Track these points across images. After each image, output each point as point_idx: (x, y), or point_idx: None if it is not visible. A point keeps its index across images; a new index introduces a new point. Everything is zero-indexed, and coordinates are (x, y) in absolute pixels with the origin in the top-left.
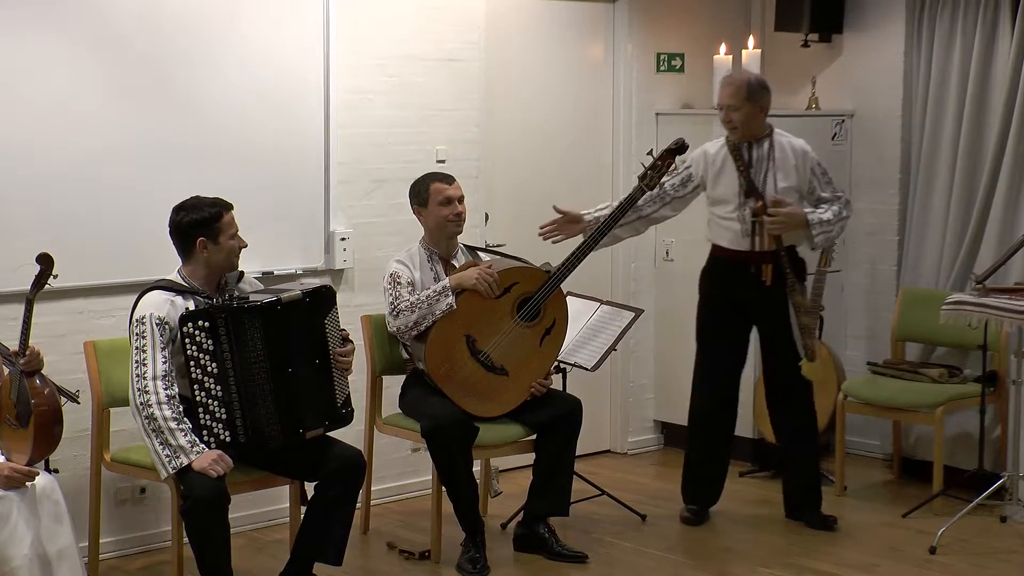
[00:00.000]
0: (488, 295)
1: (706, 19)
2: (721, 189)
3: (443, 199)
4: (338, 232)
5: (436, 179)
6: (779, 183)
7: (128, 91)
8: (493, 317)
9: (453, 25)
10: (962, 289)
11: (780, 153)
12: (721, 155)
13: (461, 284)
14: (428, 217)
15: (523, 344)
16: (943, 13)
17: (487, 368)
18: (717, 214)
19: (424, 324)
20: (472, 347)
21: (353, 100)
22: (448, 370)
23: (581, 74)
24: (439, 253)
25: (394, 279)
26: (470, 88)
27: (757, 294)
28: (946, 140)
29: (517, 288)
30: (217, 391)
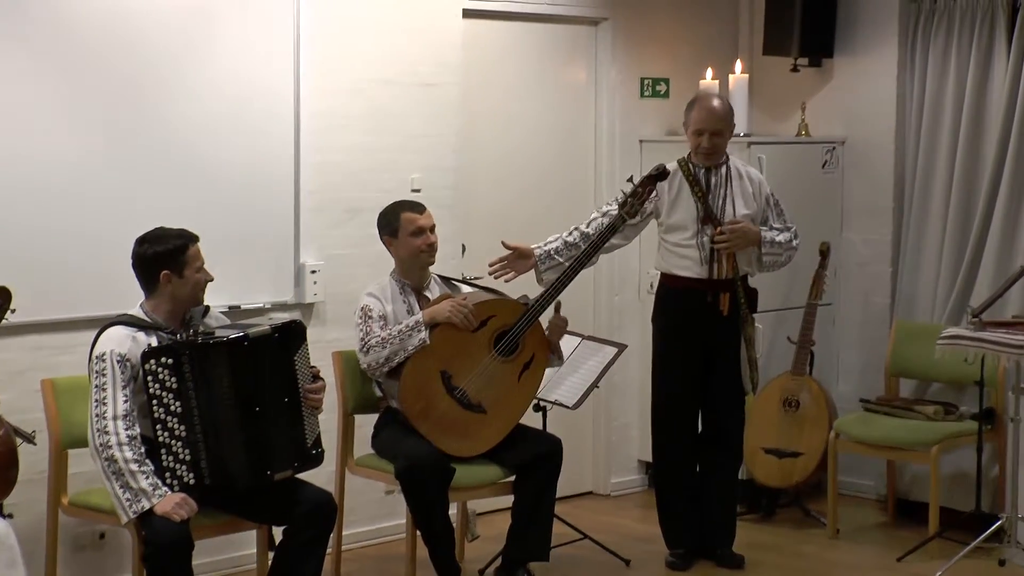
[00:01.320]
0: (464, 327)
1: (692, 43)
2: (677, 216)
3: (415, 229)
4: (309, 264)
5: (406, 208)
6: (738, 210)
7: (91, 114)
8: (469, 352)
9: (430, 47)
10: (958, 323)
11: (738, 180)
12: (677, 181)
13: (435, 318)
14: (399, 248)
15: (501, 380)
16: (937, 35)
17: (463, 405)
18: (672, 241)
19: (396, 360)
20: (448, 383)
21: (325, 125)
22: (423, 408)
23: (562, 99)
24: (411, 285)
25: (365, 313)
26: (447, 113)
27: (712, 325)
28: (941, 167)
29: (494, 321)
30: (181, 431)
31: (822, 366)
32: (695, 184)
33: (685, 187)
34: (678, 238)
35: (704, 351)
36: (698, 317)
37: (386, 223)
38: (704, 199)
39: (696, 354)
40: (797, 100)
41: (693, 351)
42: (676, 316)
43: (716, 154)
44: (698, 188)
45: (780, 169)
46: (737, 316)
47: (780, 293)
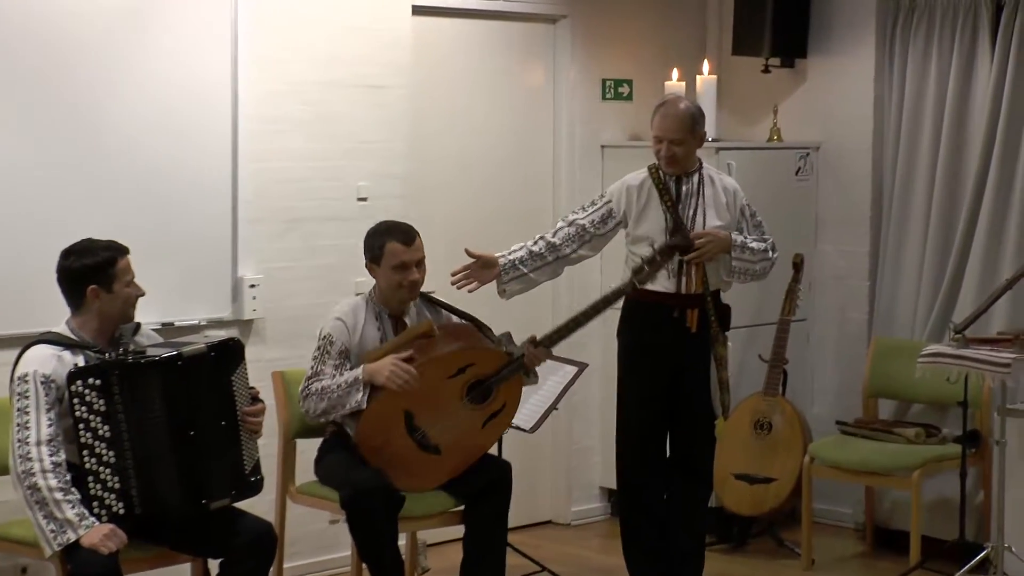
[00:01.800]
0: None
1: (657, 42)
2: (645, 226)
3: (398, 263)
4: (247, 278)
5: (393, 238)
6: (709, 221)
7: (9, 118)
8: (439, 397)
9: (377, 48)
10: (940, 339)
11: (710, 189)
12: (645, 189)
13: (373, 378)
14: (380, 277)
15: (465, 424)
16: (916, 35)
17: (420, 446)
18: (639, 253)
19: (334, 415)
20: (410, 423)
21: (265, 130)
22: (380, 444)
23: (519, 102)
24: (388, 311)
25: (324, 344)
26: (396, 117)
27: (680, 342)
28: (921, 175)
29: (472, 370)
30: (109, 457)
31: (796, 386)
32: (664, 193)
33: (654, 196)
34: (646, 250)
35: (672, 370)
36: (665, 334)
37: (370, 247)
38: (673, 209)
39: (663, 374)
40: (769, 103)
41: (660, 370)
42: (642, 333)
43: (676, 163)
44: (667, 197)
45: (751, 176)
46: (706, 334)
47: (751, 309)
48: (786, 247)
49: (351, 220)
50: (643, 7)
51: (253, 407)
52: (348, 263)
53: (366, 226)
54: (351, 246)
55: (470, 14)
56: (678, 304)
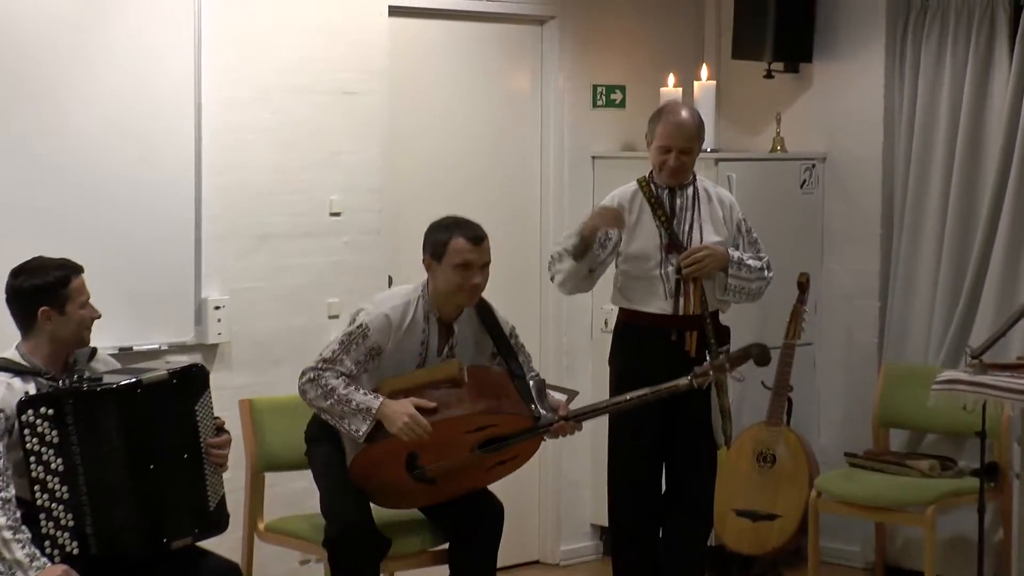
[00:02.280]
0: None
1: (651, 45)
2: (639, 243)
3: (462, 262)
4: (211, 299)
5: (461, 233)
6: (707, 236)
7: None
8: (451, 447)
9: (351, 52)
10: (955, 365)
11: (707, 203)
12: (637, 203)
13: (383, 420)
14: (438, 276)
15: (468, 465)
16: (929, 38)
17: (416, 480)
18: (633, 273)
19: (328, 420)
20: (411, 462)
21: (230, 140)
22: (371, 474)
23: (504, 110)
24: (439, 316)
25: (358, 334)
26: (371, 126)
27: (678, 368)
28: (935, 187)
29: (493, 429)
30: (63, 493)
31: (801, 415)
32: (658, 207)
33: (647, 211)
34: (640, 268)
35: (669, 399)
36: (662, 359)
37: (431, 241)
38: (668, 224)
39: (659, 402)
40: (771, 110)
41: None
42: (636, 358)
43: (684, 174)
44: (661, 212)
45: (752, 189)
46: (706, 358)
47: (752, 331)
48: (791, 265)
49: (323, 236)
50: (637, 8)
51: (218, 438)
52: (320, 283)
53: (338, 243)
54: (323, 264)
55: (450, 15)
56: (676, 326)
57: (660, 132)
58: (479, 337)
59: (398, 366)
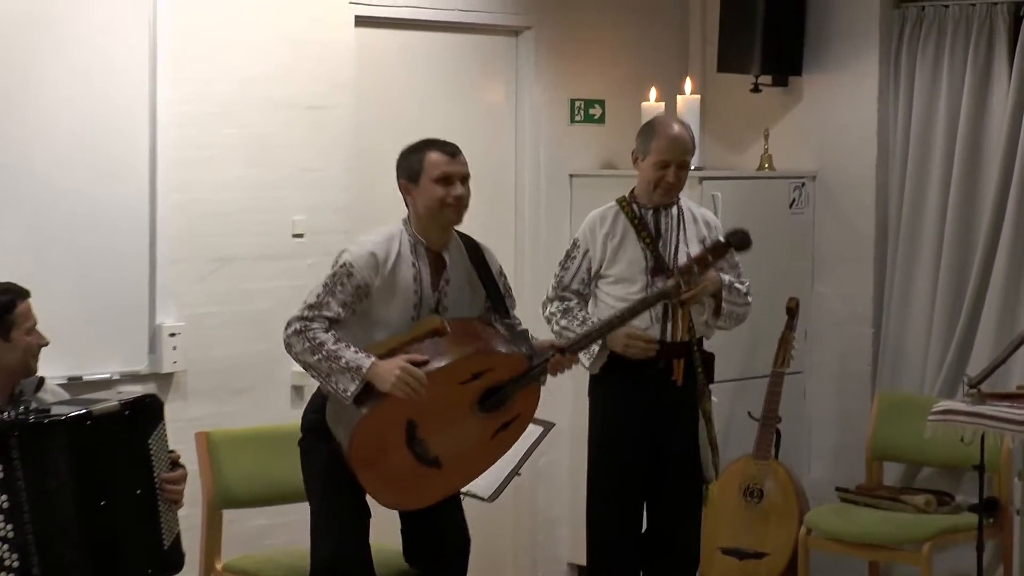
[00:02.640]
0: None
1: (632, 57)
2: (621, 267)
3: (440, 175)
4: (166, 326)
5: (434, 147)
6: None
7: None
8: (449, 405)
9: (316, 63)
10: (952, 395)
11: (691, 224)
12: (620, 225)
13: (377, 382)
14: (417, 197)
15: (471, 435)
16: (925, 49)
17: (419, 459)
18: (616, 296)
19: (314, 377)
20: (411, 433)
21: (187, 158)
22: (372, 458)
23: (476, 125)
24: (427, 244)
25: (342, 274)
26: (337, 142)
27: (664, 398)
28: (931, 207)
29: (489, 375)
30: (7, 531)
31: (790, 448)
32: (642, 229)
33: (630, 232)
34: (623, 292)
35: (654, 430)
36: (648, 388)
37: (405, 165)
38: (654, 246)
39: (644, 434)
40: (759, 126)
41: (640, 430)
42: (620, 387)
43: (679, 190)
44: (646, 233)
45: (738, 210)
46: (693, 386)
47: (738, 359)
48: (780, 289)
49: (286, 259)
50: (617, 18)
51: (173, 473)
52: (282, 308)
53: (302, 265)
54: (286, 288)
55: (420, 25)
56: (663, 354)
57: (656, 147)
58: (471, 275)
59: (393, 308)
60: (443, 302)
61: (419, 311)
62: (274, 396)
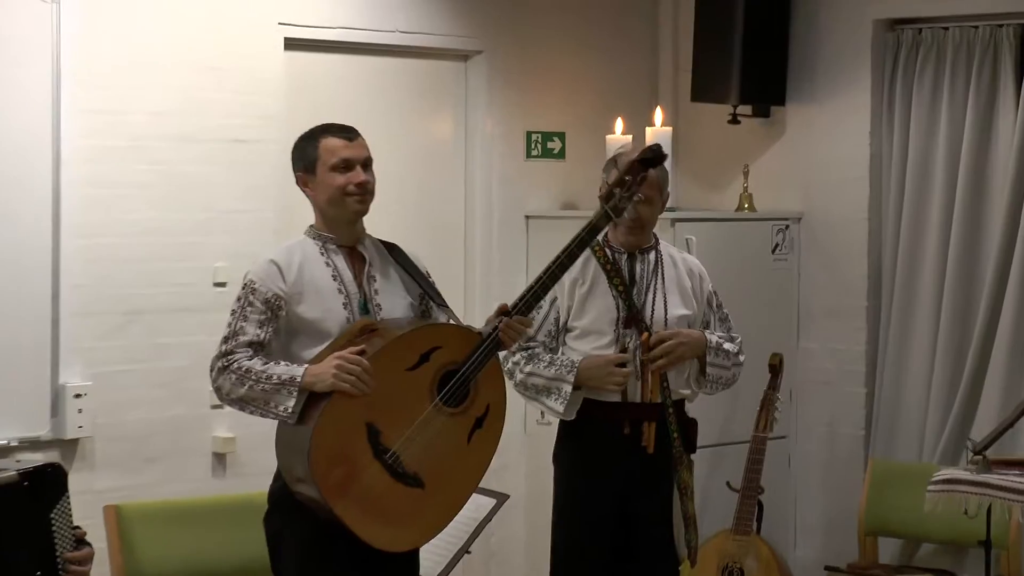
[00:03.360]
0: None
1: (596, 85)
2: (590, 317)
3: (339, 162)
4: (71, 386)
5: (328, 132)
6: (671, 310)
7: None
8: (404, 398)
9: (240, 92)
10: (955, 462)
11: (672, 270)
12: (591, 271)
13: (315, 385)
14: (317, 189)
15: (445, 440)
16: (923, 77)
17: (396, 476)
18: (581, 351)
19: (254, 411)
20: (376, 442)
21: (96, 198)
22: (343, 477)
23: (422, 161)
24: (337, 240)
25: (246, 294)
26: (265, 180)
27: (633, 467)
28: (930, 253)
29: (440, 355)
30: None
31: (774, 521)
32: (615, 275)
33: (601, 279)
34: (589, 346)
35: (622, 504)
36: (614, 456)
37: (300, 156)
38: (627, 295)
39: (611, 508)
40: (738, 162)
41: (607, 504)
42: (584, 455)
43: (642, 230)
44: (618, 280)
45: (715, 255)
46: (668, 456)
47: (716, 423)
48: (761, 345)
49: (207, 311)
50: (579, 41)
51: (78, 552)
52: (203, 366)
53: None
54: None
55: (358, 49)
56: (630, 417)
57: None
58: (398, 271)
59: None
60: (374, 299)
61: (351, 311)
62: (193, 465)
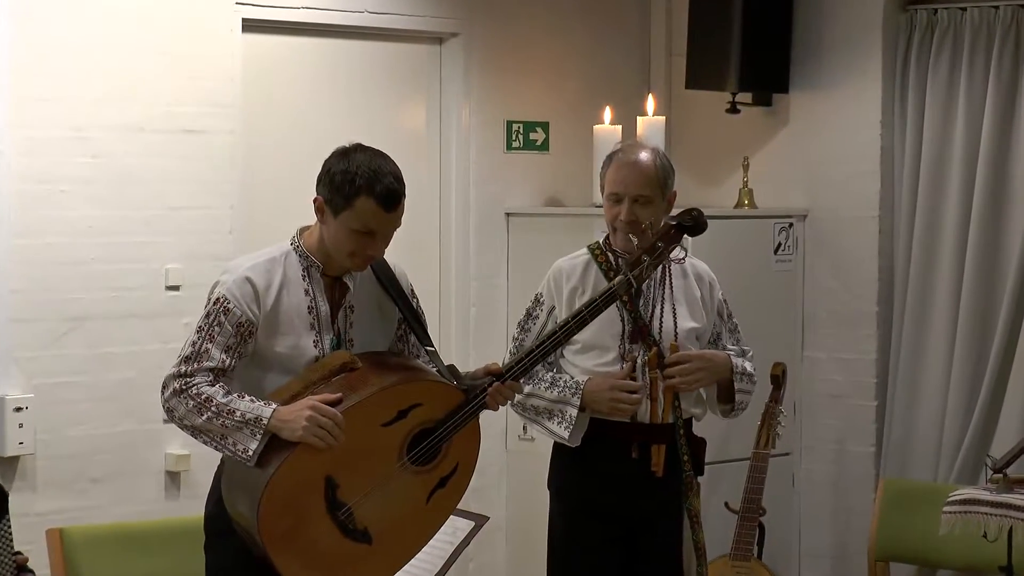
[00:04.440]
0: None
1: (582, 71)
2: (592, 330)
3: (363, 228)
4: (10, 399)
5: (373, 194)
6: (681, 322)
7: None
8: (372, 453)
9: (194, 78)
10: (973, 482)
11: (680, 279)
12: (591, 278)
13: (281, 430)
14: (328, 228)
15: (403, 498)
16: (938, 62)
17: (344, 532)
18: (583, 367)
19: (207, 443)
20: (332, 496)
21: (36, 194)
22: (289, 528)
23: (391, 153)
24: (323, 269)
25: (217, 312)
26: (220, 174)
27: (641, 494)
28: (946, 253)
29: (418, 413)
30: None
31: (776, 545)
32: None
33: (604, 287)
34: (591, 362)
35: (627, 532)
36: (619, 481)
37: (334, 189)
38: (632, 305)
39: (615, 537)
40: (737, 154)
41: (610, 533)
42: (586, 482)
43: (642, 234)
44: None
45: (712, 256)
46: (678, 480)
47: (714, 439)
48: (762, 353)
49: (157, 317)
50: (564, 23)
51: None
52: (154, 376)
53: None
54: (158, 353)
55: (322, 31)
56: (638, 439)
57: (610, 177)
58: (380, 297)
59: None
60: (347, 333)
61: (321, 346)
62: (143, 485)
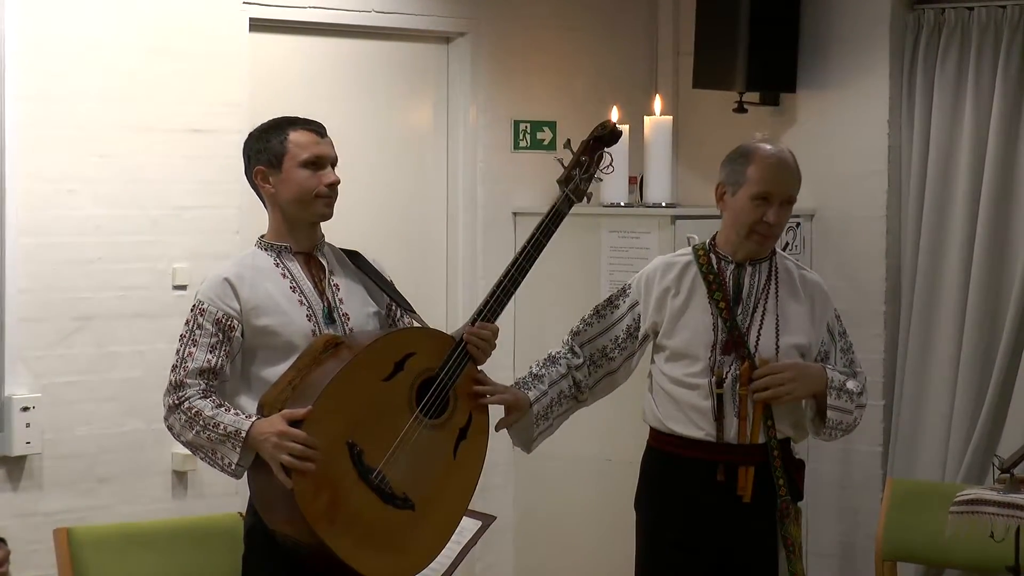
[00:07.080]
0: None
1: (589, 70)
2: (682, 337)
3: (310, 158)
4: (17, 398)
5: (297, 125)
6: (783, 337)
7: None
8: (384, 412)
9: (200, 80)
10: (980, 480)
11: (787, 287)
12: (687, 281)
13: (256, 447)
14: (280, 186)
15: (430, 457)
16: (946, 61)
17: (385, 498)
18: (671, 376)
19: (202, 458)
20: (359, 462)
21: (43, 193)
22: (328, 503)
23: (398, 152)
24: (294, 248)
25: (195, 316)
26: (228, 174)
27: (728, 521)
28: (954, 254)
29: (415, 362)
30: None
31: None
32: (716, 288)
33: (700, 291)
34: (679, 372)
35: (716, 566)
36: (705, 506)
37: (262, 148)
38: (729, 314)
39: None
40: None
41: (695, 565)
42: (670, 502)
43: (775, 239)
44: (720, 294)
45: None
46: (772, 506)
47: None
48: None
49: (164, 316)
50: (571, 22)
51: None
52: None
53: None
54: (164, 353)
55: (330, 30)
56: (724, 459)
57: (755, 174)
58: (361, 277)
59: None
60: (339, 308)
61: (316, 322)
62: (151, 484)
